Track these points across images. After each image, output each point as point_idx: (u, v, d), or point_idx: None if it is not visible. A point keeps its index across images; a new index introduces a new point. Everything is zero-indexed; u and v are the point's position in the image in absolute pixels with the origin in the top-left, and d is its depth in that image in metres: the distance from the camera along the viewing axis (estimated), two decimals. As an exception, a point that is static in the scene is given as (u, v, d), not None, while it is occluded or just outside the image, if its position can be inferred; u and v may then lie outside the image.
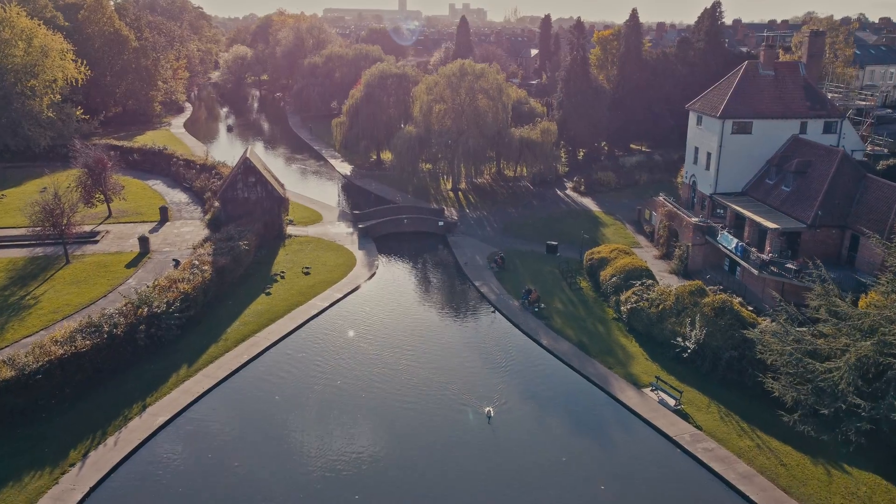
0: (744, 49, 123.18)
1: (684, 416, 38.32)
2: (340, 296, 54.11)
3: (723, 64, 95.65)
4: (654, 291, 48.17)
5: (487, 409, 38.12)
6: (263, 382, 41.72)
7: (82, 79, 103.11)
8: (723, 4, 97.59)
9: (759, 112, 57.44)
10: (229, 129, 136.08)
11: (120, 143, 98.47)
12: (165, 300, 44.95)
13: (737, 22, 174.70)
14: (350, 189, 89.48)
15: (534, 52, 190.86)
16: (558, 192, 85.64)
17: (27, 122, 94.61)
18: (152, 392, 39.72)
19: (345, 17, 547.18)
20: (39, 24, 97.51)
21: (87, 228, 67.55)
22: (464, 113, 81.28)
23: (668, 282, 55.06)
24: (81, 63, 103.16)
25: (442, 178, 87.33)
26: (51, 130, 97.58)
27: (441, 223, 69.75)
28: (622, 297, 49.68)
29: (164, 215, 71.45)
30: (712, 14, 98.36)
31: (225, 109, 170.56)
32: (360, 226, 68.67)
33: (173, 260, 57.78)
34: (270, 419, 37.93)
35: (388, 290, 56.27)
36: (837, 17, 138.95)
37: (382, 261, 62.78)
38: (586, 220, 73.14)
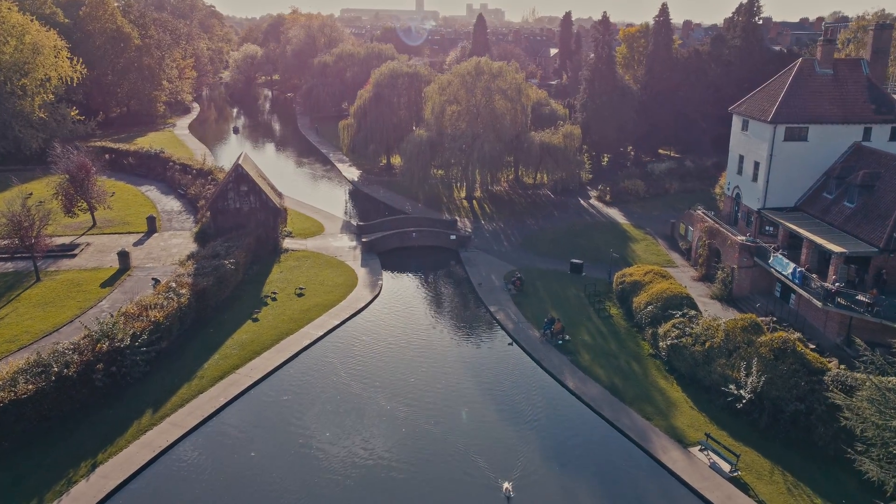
0: (778, 48, 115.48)
1: (743, 486, 31.51)
2: (337, 322, 47.76)
3: (760, 63, 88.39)
4: (698, 325, 41.35)
5: (506, 485, 31.42)
6: (239, 433, 35.43)
7: (78, 78, 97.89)
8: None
9: (816, 116, 50.32)
10: (235, 131, 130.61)
11: (116, 146, 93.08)
12: (132, 331, 38.84)
13: (767, 20, 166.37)
14: (356, 196, 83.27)
15: (553, 51, 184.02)
16: (581, 201, 78.82)
17: (18, 122, 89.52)
18: (107, 446, 33.55)
19: (361, 17, 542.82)
20: (32, 20, 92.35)
21: (67, 240, 61.96)
22: (479, 115, 74.81)
23: (710, 310, 48.24)
24: (77, 61, 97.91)
25: (455, 185, 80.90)
26: (43, 132, 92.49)
27: (453, 237, 63.26)
28: (660, 331, 42.90)
29: (151, 226, 65.62)
30: (749, 9, 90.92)
31: (235, 110, 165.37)
32: (363, 239, 62.38)
33: (152, 279, 51.81)
34: (242, 484, 31.60)
35: (391, 315, 49.84)
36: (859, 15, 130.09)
37: (387, 280, 56.40)
38: (613, 235, 66.29)
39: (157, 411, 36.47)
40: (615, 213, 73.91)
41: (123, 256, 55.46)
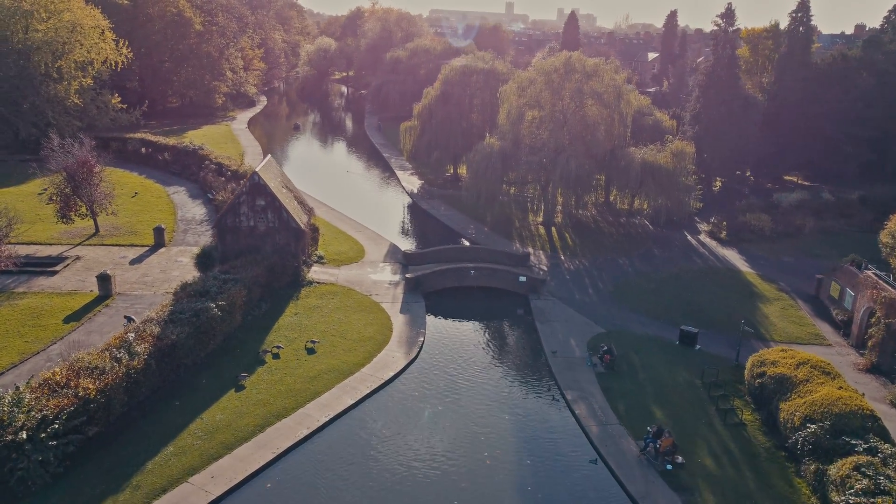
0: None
1: None
2: (351, 402, 34.50)
3: (929, 74, 70.20)
4: (902, 475, 25.81)
5: None
6: None
7: (123, 61, 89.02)
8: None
9: None
10: (296, 128, 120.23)
11: (155, 139, 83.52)
12: (42, 413, 26.76)
13: None
14: (413, 213, 70.20)
15: (651, 56, 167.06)
16: (688, 236, 63.07)
17: (52, 109, 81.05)
18: None
19: (449, 18, 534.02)
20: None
21: (55, 251, 51.53)
22: (566, 123, 60.44)
23: (894, 427, 32.30)
24: (123, 44, 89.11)
25: (531, 207, 66.59)
26: (80, 120, 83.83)
27: (523, 279, 49.07)
28: (832, 472, 27.52)
29: (158, 238, 54.50)
30: (916, 6, 72.67)
31: (305, 106, 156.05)
32: (408, 275, 48.98)
33: (125, 318, 40.02)
34: None
35: (427, 395, 36.11)
36: None
37: (431, 334, 42.81)
38: (735, 289, 50.54)
39: (49, 550, 24.10)
40: (733, 257, 57.89)
41: (104, 281, 44.06)
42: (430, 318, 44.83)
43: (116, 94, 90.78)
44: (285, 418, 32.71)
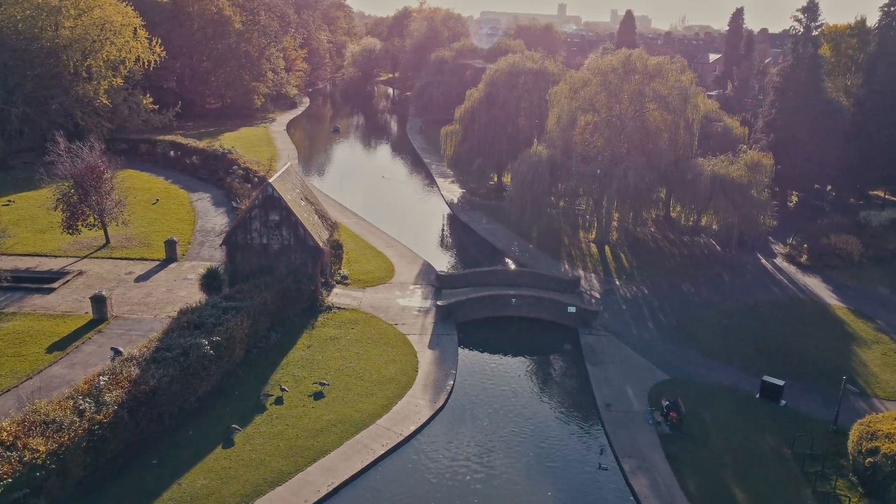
0: None
1: None
2: (362, 466, 28.64)
3: None
4: None
5: None
6: None
7: (156, 60, 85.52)
8: None
9: None
10: (335, 131, 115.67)
11: (185, 142, 79.74)
12: (-27, 486, 21.74)
13: None
14: (451, 225, 64.25)
15: (713, 57, 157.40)
16: (762, 259, 55.45)
17: (81, 109, 77.89)
18: None
19: (500, 20, 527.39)
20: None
21: (57, 265, 47.28)
22: (624, 130, 53.68)
23: None
24: (155, 42, 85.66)
25: (582, 222, 59.90)
26: (110, 121, 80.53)
27: (572, 309, 42.54)
28: None
29: (170, 252, 49.77)
30: None
31: (349, 108, 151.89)
32: (439, 302, 42.90)
33: (112, 349, 35.13)
34: None
35: (452, 459, 29.98)
36: None
37: (462, 376, 36.71)
38: (823, 325, 42.96)
39: None
40: (817, 286, 50.11)
41: (98, 303, 39.33)
42: (462, 354, 38.81)
43: (149, 95, 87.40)
44: (280, 486, 27.08)
